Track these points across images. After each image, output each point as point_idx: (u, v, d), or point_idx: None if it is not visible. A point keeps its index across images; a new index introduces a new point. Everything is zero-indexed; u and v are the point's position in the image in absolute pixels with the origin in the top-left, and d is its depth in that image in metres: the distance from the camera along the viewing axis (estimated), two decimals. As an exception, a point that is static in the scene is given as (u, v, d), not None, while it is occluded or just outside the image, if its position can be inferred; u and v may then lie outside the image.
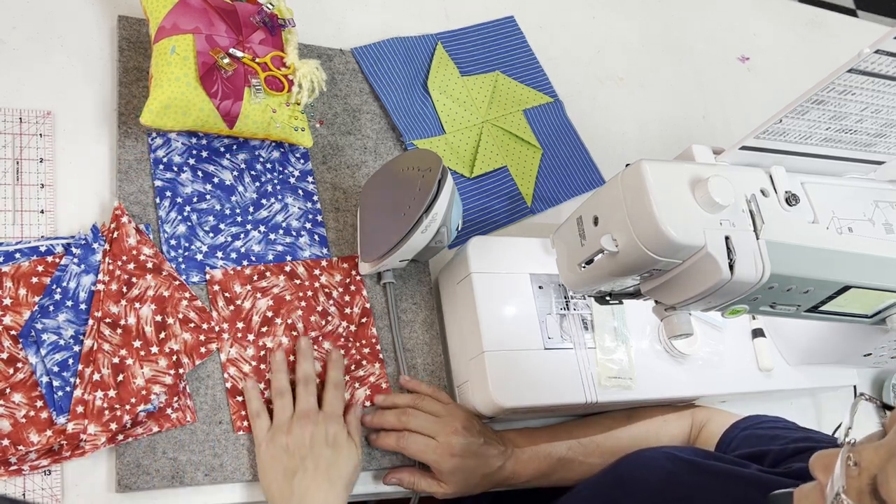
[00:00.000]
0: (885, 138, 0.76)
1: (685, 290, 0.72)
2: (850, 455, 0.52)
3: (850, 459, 0.52)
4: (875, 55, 0.65)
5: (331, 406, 0.83)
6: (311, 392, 0.83)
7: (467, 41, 1.16)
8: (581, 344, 0.91)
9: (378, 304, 0.94)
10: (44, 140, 0.86)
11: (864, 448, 0.52)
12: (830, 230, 0.75)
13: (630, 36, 1.31)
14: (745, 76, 1.38)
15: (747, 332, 1.01)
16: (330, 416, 0.81)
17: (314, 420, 0.80)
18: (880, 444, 0.52)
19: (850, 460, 0.52)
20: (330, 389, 0.84)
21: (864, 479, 0.51)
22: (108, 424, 0.75)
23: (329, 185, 0.97)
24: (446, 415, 0.86)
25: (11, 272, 0.79)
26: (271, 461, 0.78)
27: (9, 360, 0.76)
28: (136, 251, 0.83)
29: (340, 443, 0.80)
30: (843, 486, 0.51)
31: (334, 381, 0.85)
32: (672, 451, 0.79)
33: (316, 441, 0.78)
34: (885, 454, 0.51)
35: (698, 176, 0.71)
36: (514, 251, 0.94)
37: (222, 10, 0.88)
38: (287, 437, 0.78)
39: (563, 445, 0.91)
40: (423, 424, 0.85)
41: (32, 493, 0.73)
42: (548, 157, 1.14)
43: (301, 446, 0.78)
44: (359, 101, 1.04)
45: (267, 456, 0.78)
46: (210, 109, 0.85)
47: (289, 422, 0.80)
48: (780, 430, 0.86)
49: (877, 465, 0.51)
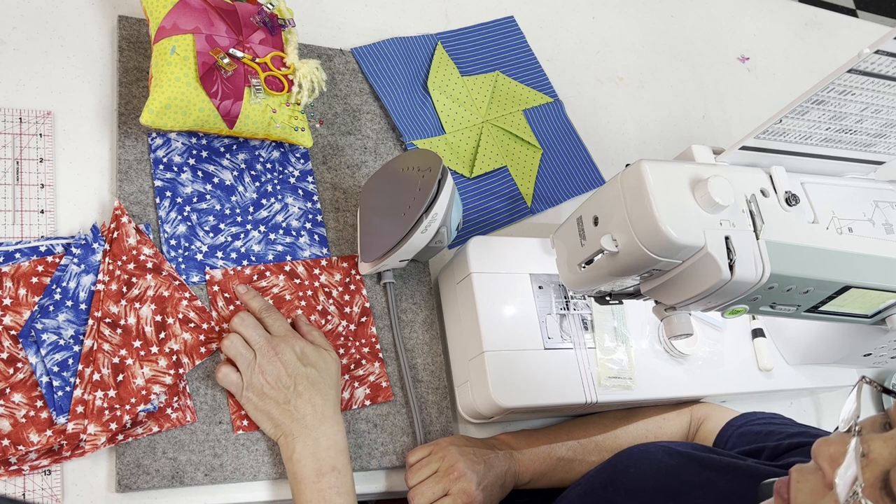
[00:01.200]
0: (885, 138, 0.76)
1: (685, 291, 0.72)
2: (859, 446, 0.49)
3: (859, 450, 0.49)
4: (875, 55, 0.65)
5: (276, 328, 0.83)
6: (256, 324, 0.82)
7: (467, 41, 1.16)
8: (581, 344, 0.91)
9: (378, 304, 0.94)
10: (44, 140, 0.86)
11: (872, 439, 0.49)
12: (830, 230, 0.75)
13: (630, 36, 1.31)
14: (745, 76, 1.38)
15: (747, 332, 1.01)
16: (285, 336, 0.82)
17: (276, 348, 0.80)
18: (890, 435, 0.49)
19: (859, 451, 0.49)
20: (265, 317, 0.84)
21: (873, 473, 0.48)
22: (108, 424, 0.75)
23: (329, 185, 0.97)
24: (440, 461, 0.84)
25: (11, 272, 0.79)
26: (262, 401, 0.80)
27: (9, 360, 0.76)
28: (136, 251, 0.83)
29: (311, 355, 0.81)
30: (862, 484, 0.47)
31: (263, 307, 0.85)
32: (668, 444, 0.79)
33: (290, 367, 0.80)
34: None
35: (698, 176, 0.71)
36: (514, 251, 0.94)
37: (222, 10, 0.88)
38: (262, 375, 0.79)
39: (563, 446, 0.91)
40: (428, 494, 0.83)
41: (32, 493, 0.73)
42: (548, 157, 1.14)
43: (280, 378, 0.79)
44: (359, 101, 1.04)
45: (257, 399, 0.80)
46: (210, 109, 0.85)
47: (254, 362, 0.80)
48: (775, 426, 0.86)
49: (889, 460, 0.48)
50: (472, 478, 0.82)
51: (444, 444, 0.86)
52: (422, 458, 0.85)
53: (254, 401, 0.80)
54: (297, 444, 0.78)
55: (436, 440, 0.88)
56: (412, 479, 0.84)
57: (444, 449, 0.85)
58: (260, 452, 0.82)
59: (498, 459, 0.86)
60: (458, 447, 0.85)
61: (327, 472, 0.77)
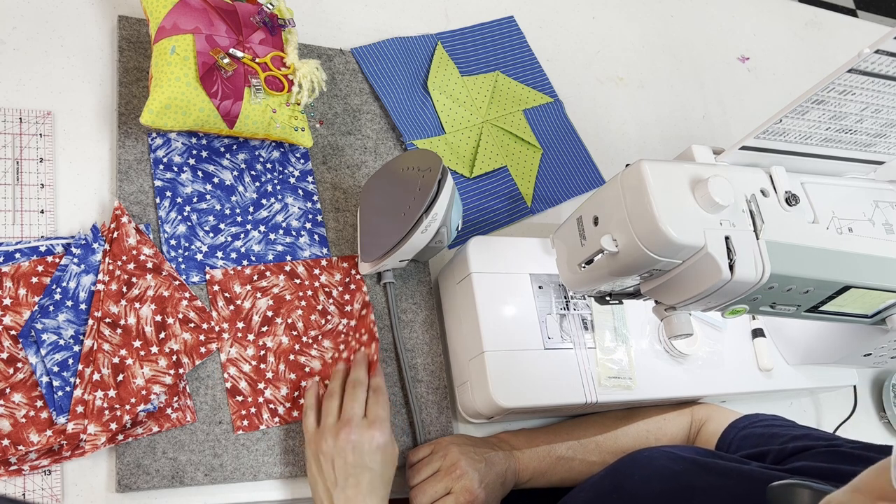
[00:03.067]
0: (885, 138, 0.76)
1: (685, 290, 0.72)
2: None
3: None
4: (875, 55, 0.65)
5: (373, 411, 0.81)
6: (358, 399, 0.82)
7: (467, 41, 1.16)
8: (581, 344, 0.91)
9: (378, 304, 0.94)
10: (44, 140, 0.86)
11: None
12: (830, 230, 0.75)
13: (630, 36, 1.31)
14: (745, 76, 1.38)
15: (747, 332, 1.01)
16: (372, 422, 0.80)
17: (359, 429, 0.79)
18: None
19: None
20: (370, 394, 0.83)
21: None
22: (108, 424, 0.75)
23: (329, 185, 0.97)
24: (441, 460, 0.84)
25: (11, 272, 0.79)
26: (315, 462, 0.79)
27: (9, 360, 0.76)
28: (136, 251, 0.83)
29: (384, 447, 0.79)
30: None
31: (377, 388, 0.83)
32: (672, 450, 0.79)
33: (357, 451, 0.78)
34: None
35: (698, 176, 0.71)
36: (514, 251, 0.94)
37: (222, 10, 0.88)
38: (333, 441, 0.78)
39: (563, 445, 0.91)
40: (430, 492, 0.83)
41: (32, 493, 0.73)
42: (548, 157, 1.14)
43: (345, 458, 0.77)
44: (359, 101, 1.04)
45: (312, 458, 0.80)
46: (210, 109, 0.85)
47: (335, 427, 0.79)
48: (777, 428, 0.85)
49: None
50: (473, 476, 0.82)
51: (444, 443, 0.86)
52: (423, 458, 0.85)
53: (311, 458, 0.80)
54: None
55: (437, 439, 0.88)
56: (414, 479, 0.84)
57: (445, 448, 0.85)
58: (260, 452, 0.82)
59: (498, 458, 0.86)
60: (459, 446, 0.85)
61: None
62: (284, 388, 0.85)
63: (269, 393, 0.84)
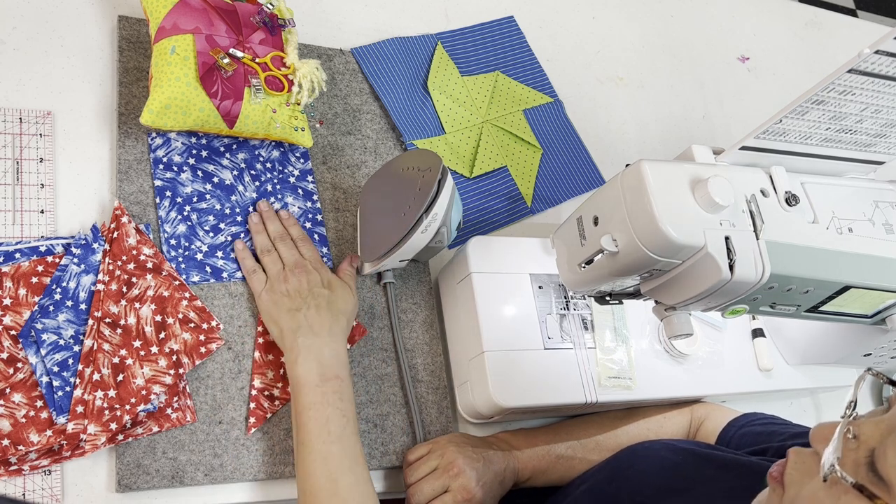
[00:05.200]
0: (885, 138, 0.76)
1: (685, 291, 0.72)
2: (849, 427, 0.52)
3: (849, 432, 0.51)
4: (875, 55, 0.65)
5: (312, 257, 0.88)
6: (292, 246, 0.88)
7: (467, 41, 1.16)
8: (581, 344, 0.91)
9: (378, 304, 0.94)
10: (44, 140, 0.86)
11: (865, 422, 0.52)
12: (830, 230, 0.75)
13: (630, 36, 1.31)
14: (745, 76, 1.38)
15: (747, 332, 1.01)
16: (317, 265, 0.87)
17: (306, 269, 0.85)
18: (881, 418, 0.52)
19: (849, 433, 0.51)
20: (302, 245, 0.89)
21: (861, 452, 0.51)
22: (108, 424, 0.75)
23: (329, 185, 0.97)
24: (438, 459, 0.84)
25: (11, 272, 0.79)
26: (274, 305, 0.83)
27: (9, 360, 0.76)
28: (136, 251, 0.83)
29: (336, 284, 0.86)
30: (839, 456, 0.50)
31: (301, 237, 0.89)
32: (671, 441, 0.79)
33: (313, 285, 0.84)
34: (885, 428, 0.51)
35: (698, 176, 0.71)
36: (514, 251, 0.94)
37: (222, 10, 0.88)
38: (285, 284, 0.84)
39: (563, 444, 0.91)
40: (427, 490, 0.83)
41: (32, 493, 0.73)
42: (548, 157, 1.14)
43: (301, 290, 0.83)
44: (359, 101, 1.04)
45: (269, 301, 0.84)
46: (210, 109, 0.85)
47: (283, 272, 0.85)
48: (776, 426, 0.86)
49: (876, 439, 0.50)
50: (471, 475, 0.82)
51: (442, 441, 0.86)
52: (421, 456, 0.85)
53: (268, 303, 0.83)
54: (301, 349, 0.80)
55: (434, 438, 0.88)
56: (411, 477, 0.84)
57: (442, 447, 0.85)
58: (260, 452, 0.82)
59: (497, 457, 0.86)
60: (457, 445, 0.86)
61: (331, 378, 0.79)
62: (270, 372, 0.85)
63: (259, 382, 0.84)
